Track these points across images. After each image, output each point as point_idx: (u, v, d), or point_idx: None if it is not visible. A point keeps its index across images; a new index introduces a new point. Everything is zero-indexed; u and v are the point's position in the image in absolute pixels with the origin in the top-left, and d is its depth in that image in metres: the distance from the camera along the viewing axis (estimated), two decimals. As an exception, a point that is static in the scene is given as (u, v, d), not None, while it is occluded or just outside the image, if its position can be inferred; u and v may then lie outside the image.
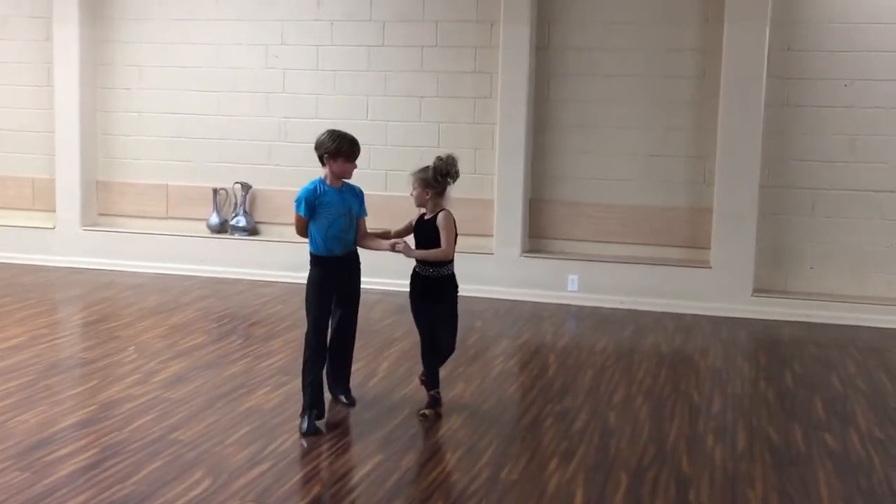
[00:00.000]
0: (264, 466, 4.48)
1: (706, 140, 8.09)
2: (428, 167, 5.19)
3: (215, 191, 9.06)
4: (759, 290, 7.96)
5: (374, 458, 4.62)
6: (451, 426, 5.10)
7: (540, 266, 8.34)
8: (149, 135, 9.28)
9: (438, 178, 5.13)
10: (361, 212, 5.20)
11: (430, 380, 5.30)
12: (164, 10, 9.11)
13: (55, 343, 6.65)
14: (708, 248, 8.08)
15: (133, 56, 9.23)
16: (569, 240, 8.48)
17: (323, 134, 5.13)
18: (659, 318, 7.78)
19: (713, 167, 8.02)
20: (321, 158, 5.11)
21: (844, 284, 7.96)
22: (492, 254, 8.42)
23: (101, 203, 9.44)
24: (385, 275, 7.06)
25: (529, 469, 4.55)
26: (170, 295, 8.18)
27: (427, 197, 5.16)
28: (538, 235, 8.53)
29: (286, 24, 8.86)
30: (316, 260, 5.12)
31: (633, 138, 8.27)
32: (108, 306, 7.81)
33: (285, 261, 8.53)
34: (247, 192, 8.98)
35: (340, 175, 5.11)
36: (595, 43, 8.26)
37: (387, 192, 8.44)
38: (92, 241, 9.26)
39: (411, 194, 5.21)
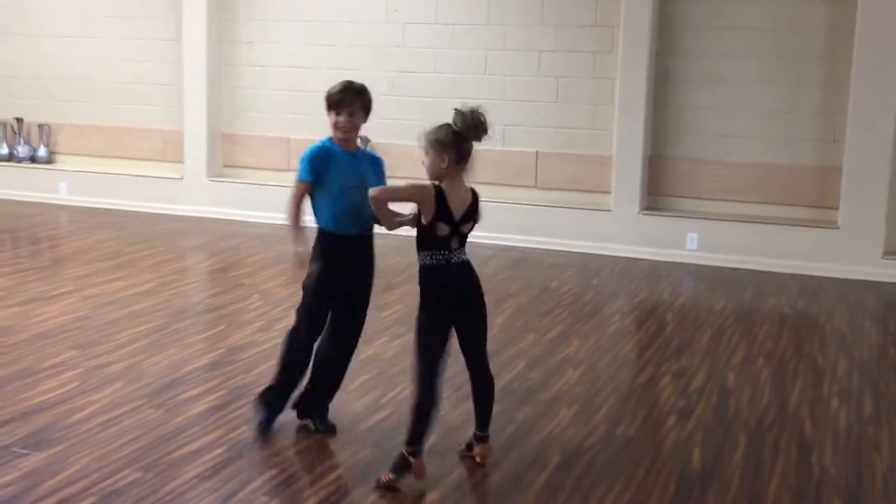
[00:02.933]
0: (383, 414, 4.59)
1: (836, 96, 7.76)
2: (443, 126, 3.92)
3: (335, 144, 9.19)
4: (889, 253, 7.65)
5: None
6: (566, 381, 5.11)
7: (659, 224, 8.21)
8: (271, 88, 9.47)
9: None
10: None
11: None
12: (287, -35, 9.26)
13: (183, 289, 6.92)
14: (836, 208, 7.79)
15: (257, 10, 9.41)
16: (689, 197, 8.31)
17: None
18: (782, 280, 7.57)
19: (843, 124, 7.70)
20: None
21: (983, 249, 7.60)
22: (609, 211, 8.32)
23: (226, 155, 9.72)
24: (501, 229, 7.07)
25: (646, 426, 4.53)
26: (290, 245, 8.35)
27: (443, 165, 3.89)
28: (657, 193, 8.38)
29: (406, -22, 8.89)
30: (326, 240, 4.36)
31: (758, 94, 8.01)
32: (232, 255, 8.07)
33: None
34: (365, 146, 9.07)
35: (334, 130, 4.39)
36: (721, -6, 8.01)
37: (505, 147, 8.44)
38: (217, 191, 9.56)
39: (423, 162, 4.01)
